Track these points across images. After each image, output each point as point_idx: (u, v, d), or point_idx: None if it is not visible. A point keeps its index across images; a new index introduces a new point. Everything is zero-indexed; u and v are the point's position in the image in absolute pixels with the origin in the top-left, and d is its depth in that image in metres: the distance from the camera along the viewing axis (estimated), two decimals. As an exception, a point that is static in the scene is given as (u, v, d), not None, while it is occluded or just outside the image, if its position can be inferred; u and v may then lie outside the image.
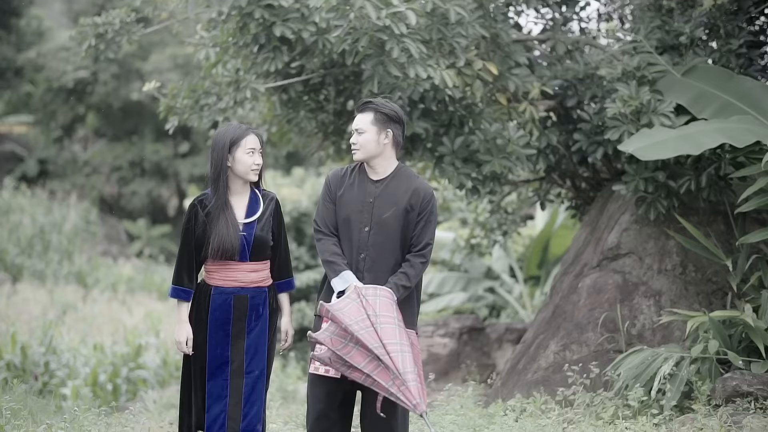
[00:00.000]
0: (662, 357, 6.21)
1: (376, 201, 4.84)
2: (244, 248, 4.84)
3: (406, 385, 4.54)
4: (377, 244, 4.81)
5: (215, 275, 4.88)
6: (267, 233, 4.90)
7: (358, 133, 4.84)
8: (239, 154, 4.83)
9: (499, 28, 6.99)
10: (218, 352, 4.84)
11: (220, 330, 4.85)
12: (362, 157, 4.85)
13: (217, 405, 4.83)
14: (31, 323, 12.53)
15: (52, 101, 26.57)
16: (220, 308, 4.85)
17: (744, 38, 7.04)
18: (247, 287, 4.87)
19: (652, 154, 6.31)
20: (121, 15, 7.54)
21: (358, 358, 4.57)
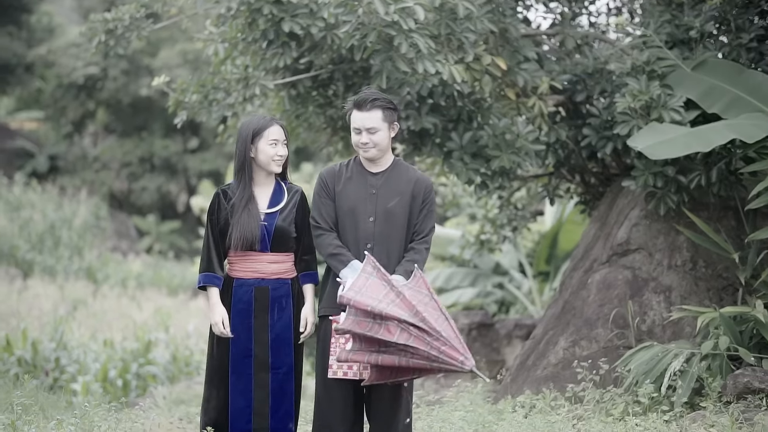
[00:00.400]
0: (672, 353, 6.18)
1: (380, 191, 4.86)
2: (264, 238, 4.84)
3: (449, 344, 4.46)
4: (383, 234, 4.83)
5: (236, 266, 4.89)
6: (289, 225, 4.89)
7: (370, 133, 4.81)
8: (262, 145, 4.85)
9: (508, 22, 6.97)
10: (241, 346, 4.82)
11: (242, 322, 4.83)
12: (376, 154, 4.86)
13: (241, 399, 4.80)
14: (41, 319, 12.56)
15: (62, 97, 26.66)
16: (241, 300, 4.84)
17: (755, 32, 6.99)
18: (268, 278, 4.86)
19: (662, 152, 6.28)
20: (130, 11, 7.55)
21: (389, 332, 4.50)
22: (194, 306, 16.72)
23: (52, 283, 15.97)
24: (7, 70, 24.55)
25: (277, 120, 4.95)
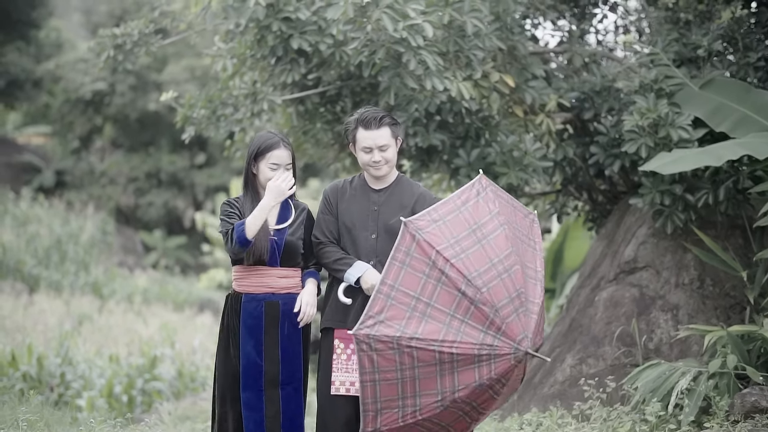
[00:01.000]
0: (680, 371, 6.16)
1: (381, 208, 4.85)
2: (274, 252, 4.80)
3: (506, 323, 4.19)
4: (386, 251, 4.75)
5: (245, 281, 4.83)
6: (298, 240, 4.86)
7: (381, 150, 4.80)
8: (262, 166, 4.81)
9: (516, 40, 6.99)
10: (251, 361, 4.76)
11: (252, 338, 4.78)
12: (388, 171, 4.86)
13: (253, 416, 4.75)
14: (47, 334, 12.54)
15: (69, 112, 26.73)
16: (251, 315, 4.79)
17: (762, 51, 7.00)
18: (278, 293, 4.81)
19: (673, 167, 6.29)
20: (139, 26, 7.60)
21: (444, 299, 4.26)
22: (200, 321, 16.71)
23: (58, 298, 15.95)
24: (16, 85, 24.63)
25: (286, 143, 4.85)
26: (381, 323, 4.24)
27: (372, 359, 4.26)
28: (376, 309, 4.28)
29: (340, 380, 4.78)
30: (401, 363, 4.25)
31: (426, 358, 4.22)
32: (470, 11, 6.45)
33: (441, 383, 4.26)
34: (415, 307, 4.27)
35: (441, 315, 4.25)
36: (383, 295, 4.28)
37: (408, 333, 4.22)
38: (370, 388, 4.29)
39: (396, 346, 4.22)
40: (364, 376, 4.27)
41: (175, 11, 7.80)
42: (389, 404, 4.31)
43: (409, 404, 4.30)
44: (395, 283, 4.30)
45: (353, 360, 4.77)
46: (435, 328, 4.23)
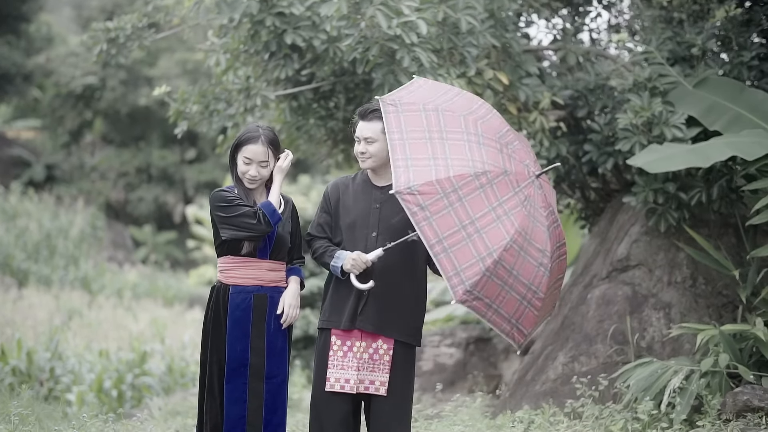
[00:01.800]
0: (672, 370, 6.17)
1: (383, 206, 4.80)
2: (265, 245, 4.78)
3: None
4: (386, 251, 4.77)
5: (233, 273, 4.80)
6: (287, 233, 4.86)
7: (367, 142, 4.78)
8: (238, 159, 4.80)
9: (510, 37, 6.99)
10: (237, 354, 4.74)
11: (239, 330, 4.75)
12: (372, 165, 4.82)
13: (236, 409, 4.73)
14: (36, 328, 12.50)
15: (60, 107, 26.65)
16: (239, 307, 4.76)
17: (756, 51, 7.01)
18: (266, 286, 4.80)
19: (661, 166, 6.29)
20: (132, 20, 7.56)
21: (451, 123, 4.42)
22: (190, 317, 16.68)
23: (48, 293, 15.90)
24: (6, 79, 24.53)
25: (267, 139, 4.78)
26: (413, 166, 4.32)
27: (419, 202, 4.28)
28: (398, 154, 4.36)
29: (335, 377, 4.77)
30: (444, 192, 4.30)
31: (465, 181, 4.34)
32: (464, 8, 6.44)
33: (487, 199, 4.34)
34: (430, 137, 4.39)
35: (457, 135, 4.43)
36: (398, 141, 4.37)
37: (441, 165, 4.32)
38: (427, 228, 4.27)
39: (435, 182, 4.29)
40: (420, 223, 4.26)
41: (168, 6, 7.76)
42: (455, 240, 4.28)
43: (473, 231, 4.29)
44: (402, 127, 4.42)
45: (349, 357, 4.76)
46: (460, 150, 4.37)
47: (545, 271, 4.43)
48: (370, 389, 4.75)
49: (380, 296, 4.74)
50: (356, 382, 4.73)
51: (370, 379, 4.75)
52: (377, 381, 4.74)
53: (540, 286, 4.43)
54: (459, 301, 4.24)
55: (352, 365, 4.75)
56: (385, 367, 4.75)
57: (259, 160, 4.75)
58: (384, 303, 4.74)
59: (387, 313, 4.75)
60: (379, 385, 4.74)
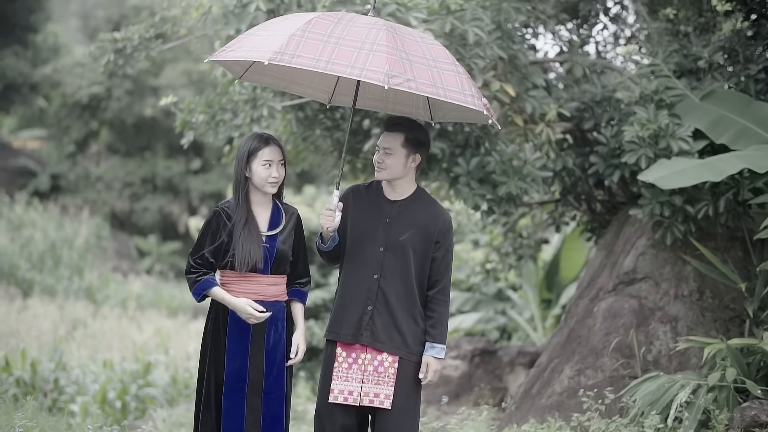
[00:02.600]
0: (679, 384, 6.14)
1: (393, 222, 4.75)
2: (266, 260, 4.72)
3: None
4: (392, 267, 4.73)
5: (234, 287, 4.74)
6: (288, 247, 4.80)
7: (385, 153, 4.74)
8: (255, 166, 4.73)
9: (517, 49, 6.97)
10: (236, 369, 4.69)
11: (238, 345, 4.70)
12: (386, 177, 4.78)
13: (233, 423, 4.67)
14: (41, 339, 12.49)
15: (65, 116, 26.68)
16: (238, 322, 4.70)
17: (763, 64, 7.00)
18: (266, 301, 4.73)
19: (673, 182, 6.27)
20: (140, 31, 7.57)
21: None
22: (194, 328, 16.64)
23: (52, 303, 15.90)
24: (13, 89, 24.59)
25: (275, 139, 4.81)
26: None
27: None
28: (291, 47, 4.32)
29: (339, 388, 4.75)
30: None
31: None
32: (472, 20, 6.44)
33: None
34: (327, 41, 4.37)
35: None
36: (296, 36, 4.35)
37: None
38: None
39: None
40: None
41: (175, 16, 7.77)
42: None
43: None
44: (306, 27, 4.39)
45: (353, 369, 4.74)
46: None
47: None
48: (375, 402, 4.72)
49: (384, 312, 4.72)
50: (360, 395, 4.70)
51: (374, 392, 4.72)
52: (382, 394, 4.72)
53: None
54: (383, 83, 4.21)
55: (356, 377, 4.73)
56: (390, 380, 4.72)
57: (278, 159, 4.75)
58: (388, 319, 4.72)
59: (391, 330, 4.72)
60: (384, 399, 4.71)
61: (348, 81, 5.03)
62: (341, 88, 5.13)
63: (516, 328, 12.21)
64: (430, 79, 4.37)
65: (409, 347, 4.75)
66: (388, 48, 4.31)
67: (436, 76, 4.41)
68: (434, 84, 4.37)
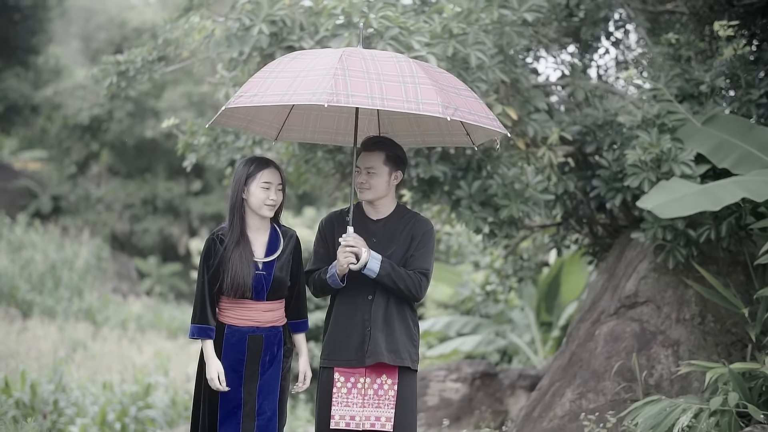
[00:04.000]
0: (680, 408, 6.11)
1: (380, 241, 4.78)
2: (262, 288, 4.68)
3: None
4: (385, 287, 4.74)
5: (229, 313, 4.70)
6: (286, 274, 4.75)
7: (368, 173, 4.76)
8: (253, 187, 4.67)
9: (519, 73, 7.00)
10: (231, 395, 4.66)
11: (233, 371, 4.67)
12: (371, 197, 4.80)
13: None
14: (40, 360, 12.45)
15: (67, 138, 26.76)
16: (233, 348, 4.67)
17: (764, 88, 7.02)
18: (262, 327, 4.70)
19: (671, 211, 6.26)
20: (143, 53, 7.60)
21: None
22: (194, 349, 16.59)
23: (52, 324, 15.86)
24: (14, 110, 24.66)
25: (274, 163, 4.76)
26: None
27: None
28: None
29: (340, 414, 4.73)
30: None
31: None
32: (474, 44, 6.46)
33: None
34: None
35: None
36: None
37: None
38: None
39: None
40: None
41: (178, 39, 7.81)
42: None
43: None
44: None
45: (353, 393, 4.74)
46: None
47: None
48: (376, 426, 4.71)
49: (382, 330, 4.72)
50: (362, 419, 4.69)
51: (375, 416, 4.71)
52: (383, 417, 4.71)
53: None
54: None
55: (357, 402, 4.72)
56: (390, 402, 4.72)
57: (276, 182, 4.70)
58: (386, 335, 4.73)
59: (392, 344, 4.73)
60: (385, 421, 4.71)
61: (299, 117, 5.08)
62: (290, 124, 5.13)
63: (516, 351, 12.18)
64: (467, 108, 4.43)
65: (410, 355, 4.79)
66: (431, 80, 4.36)
67: (469, 105, 4.48)
68: (471, 112, 4.42)
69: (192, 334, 4.71)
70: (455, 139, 5.06)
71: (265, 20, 6.54)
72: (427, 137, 5.15)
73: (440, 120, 4.91)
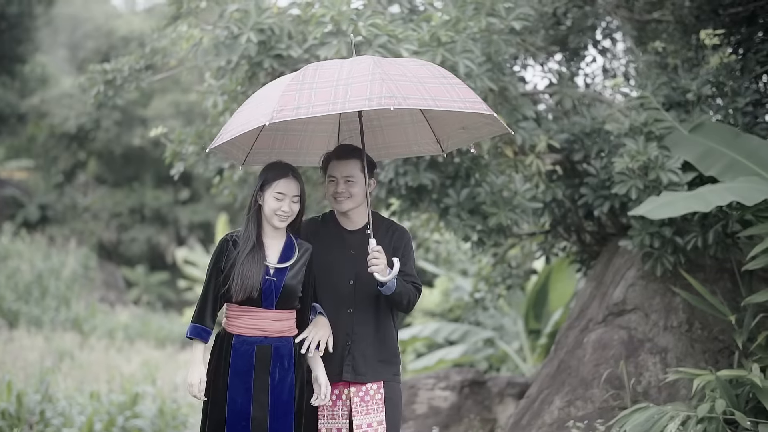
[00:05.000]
0: (668, 415, 6.12)
1: (359, 253, 4.66)
2: (271, 294, 4.52)
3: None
4: (365, 298, 4.68)
5: (237, 322, 4.56)
6: (297, 284, 4.58)
7: (347, 182, 4.68)
8: (267, 195, 4.55)
9: (507, 81, 7.02)
10: (238, 407, 4.49)
11: (240, 383, 4.51)
12: (351, 206, 4.72)
13: None
14: (27, 370, 12.38)
15: (53, 147, 26.67)
16: (241, 359, 4.51)
17: (750, 97, 7.06)
18: (270, 336, 4.53)
19: (662, 212, 6.29)
20: (130, 62, 7.59)
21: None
22: (182, 358, 16.55)
23: (39, 334, 15.79)
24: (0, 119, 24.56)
25: (296, 173, 4.62)
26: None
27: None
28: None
29: (327, 427, 4.70)
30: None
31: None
32: (462, 52, 6.48)
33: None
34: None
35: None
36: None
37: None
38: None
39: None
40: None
41: (165, 47, 7.80)
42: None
43: None
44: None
45: (338, 405, 4.70)
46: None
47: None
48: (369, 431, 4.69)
49: (362, 345, 4.68)
50: (350, 430, 4.66)
51: (367, 422, 4.67)
52: (374, 422, 4.68)
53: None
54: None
55: (343, 414, 4.69)
56: (378, 406, 4.68)
57: (292, 194, 4.56)
58: (366, 350, 4.68)
59: (371, 360, 4.68)
60: (377, 425, 4.68)
61: (267, 139, 4.94)
62: (258, 147, 4.96)
63: (504, 359, 12.19)
64: (418, 93, 4.20)
65: (391, 369, 4.75)
66: (364, 76, 4.21)
67: (425, 90, 4.25)
68: (424, 97, 4.20)
69: (188, 333, 4.59)
70: (423, 148, 5.02)
71: (253, 28, 6.54)
72: (391, 149, 5.09)
73: (408, 129, 4.91)
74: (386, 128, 4.97)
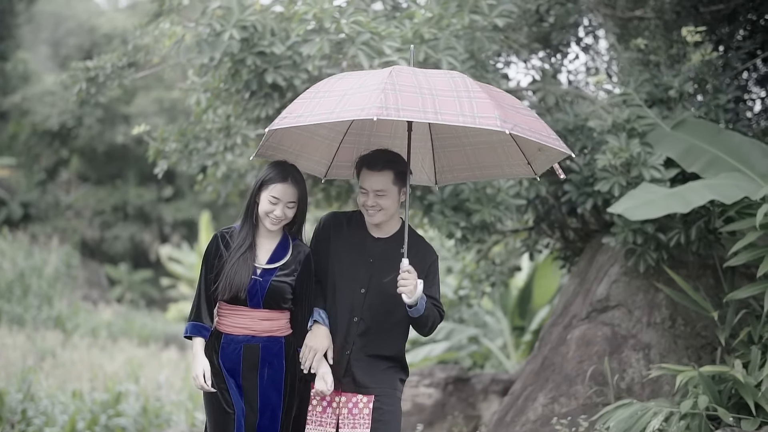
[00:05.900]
0: (651, 411, 6.14)
1: (377, 262, 4.51)
2: (257, 294, 4.48)
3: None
4: (374, 309, 4.52)
5: (225, 321, 4.54)
6: (284, 284, 4.50)
7: (378, 195, 4.43)
8: (263, 197, 4.49)
9: (490, 78, 7.02)
10: (238, 407, 4.48)
11: (230, 380, 4.50)
12: (383, 219, 4.48)
13: None
14: (8, 369, 12.31)
15: (36, 144, 26.53)
16: (229, 358, 4.50)
17: (732, 93, 7.09)
18: (258, 336, 4.49)
19: (642, 213, 6.30)
20: (112, 59, 7.56)
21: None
22: (166, 357, 16.50)
23: (21, 333, 15.69)
24: (-19, 117, 24.45)
25: (296, 178, 4.51)
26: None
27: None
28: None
29: None
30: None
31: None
32: (445, 49, 6.48)
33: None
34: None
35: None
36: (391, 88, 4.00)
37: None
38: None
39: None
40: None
41: (148, 45, 7.77)
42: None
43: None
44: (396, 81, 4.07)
45: (328, 412, 4.61)
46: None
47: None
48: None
49: (362, 356, 4.55)
50: None
51: None
52: None
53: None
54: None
55: (330, 422, 4.59)
56: (365, 421, 4.55)
57: (287, 200, 4.47)
58: (366, 362, 4.55)
59: (371, 372, 4.55)
60: (362, 440, 4.57)
61: (347, 153, 4.79)
62: (339, 160, 4.83)
63: (488, 356, 12.21)
64: (527, 125, 4.07)
65: (390, 382, 4.60)
66: (487, 95, 4.09)
67: (528, 123, 4.13)
68: (531, 129, 4.07)
69: (186, 332, 4.55)
70: (515, 170, 4.71)
71: (235, 26, 6.52)
72: (485, 170, 4.81)
73: (498, 150, 4.63)
74: (476, 146, 4.72)
